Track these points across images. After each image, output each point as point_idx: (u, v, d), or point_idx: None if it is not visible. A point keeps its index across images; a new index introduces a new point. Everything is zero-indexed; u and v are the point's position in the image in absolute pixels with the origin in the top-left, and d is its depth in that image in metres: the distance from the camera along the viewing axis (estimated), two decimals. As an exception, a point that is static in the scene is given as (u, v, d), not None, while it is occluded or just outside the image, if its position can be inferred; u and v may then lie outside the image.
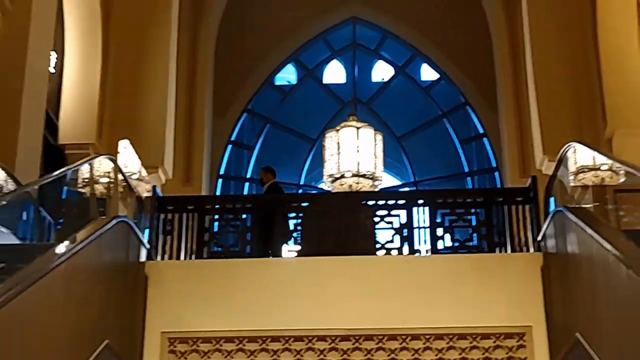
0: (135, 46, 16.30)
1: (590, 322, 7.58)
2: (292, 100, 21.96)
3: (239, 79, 21.18)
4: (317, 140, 19.87)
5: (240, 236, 10.93)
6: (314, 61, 22.25)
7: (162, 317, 9.65)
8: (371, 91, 21.94)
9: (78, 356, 7.41)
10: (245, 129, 21.70)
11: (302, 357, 9.45)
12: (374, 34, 22.17)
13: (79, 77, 15.41)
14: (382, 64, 22.42)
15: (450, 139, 21.46)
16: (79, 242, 7.58)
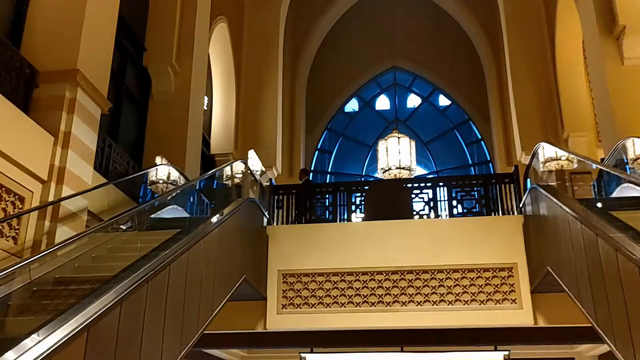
0: (255, 88, 16.60)
1: (556, 259, 7.50)
2: (355, 121, 22.02)
3: (321, 109, 21.35)
4: (372, 147, 19.94)
5: (325, 208, 11.08)
6: (369, 95, 22.27)
7: (278, 260, 9.84)
8: (407, 114, 21.83)
9: (229, 284, 7.64)
10: (326, 141, 21.86)
11: (367, 285, 9.54)
12: (408, 76, 22.05)
13: (222, 110, 15.75)
14: (413, 96, 22.26)
15: (459, 142, 21.25)
16: (225, 214, 7.82)
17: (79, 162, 7.06)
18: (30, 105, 6.88)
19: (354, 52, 21.61)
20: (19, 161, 6.13)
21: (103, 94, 7.72)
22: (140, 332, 4.83)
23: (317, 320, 9.48)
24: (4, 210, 6.00)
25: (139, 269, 4.95)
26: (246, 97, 16.42)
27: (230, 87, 15.96)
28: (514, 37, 15.77)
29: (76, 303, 4.11)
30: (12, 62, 6.64)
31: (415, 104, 22.19)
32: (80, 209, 7.01)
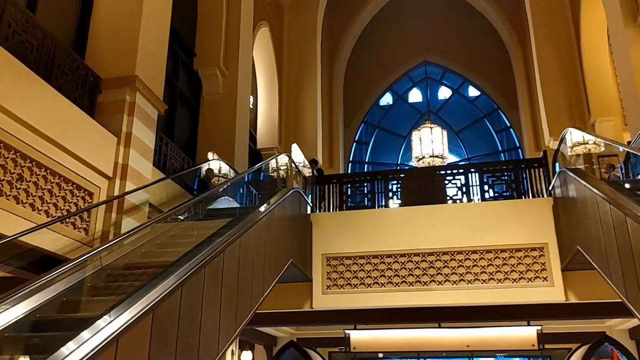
0: (296, 86, 16.65)
1: (585, 238, 7.31)
2: (390, 114, 21.84)
3: (358, 103, 21.24)
4: (407, 137, 19.76)
5: (364, 196, 11.05)
6: (402, 89, 22.03)
7: (321, 245, 9.88)
8: (438, 105, 21.52)
9: (278, 268, 7.72)
10: (363, 133, 21.75)
11: (405, 266, 9.49)
12: (438, 70, 21.70)
13: (266, 108, 15.84)
14: (444, 88, 21.91)
15: (489, 130, 20.83)
16: (272, 204, 7.87)
17: (139, 160, 7.22)
18: (95, 109, 7.06)
19: (386, 49, 21.41)
20: (87, 160, 6.31)
21: (159, 97, 7.86)
22: (200, 312, 4.93)
23: (359, 300, 9.50)
24: (76, 205, 6.19)
25: (197, 255, 5.04)
26: (288, 95, 16.49)
27: (273, 86, 16.03)
28: (540, 26, 15.33)
29: (142, 286, 4.21)
30: (78, 71, 6.83)
31: (446, 95, 21.84)
32: (142, 201, 7.17)
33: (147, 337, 4.03)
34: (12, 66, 5.29)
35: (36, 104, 5.54)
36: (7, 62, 5.24)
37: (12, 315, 4.27)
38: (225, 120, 11.30)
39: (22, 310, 4.41)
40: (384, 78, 21.56)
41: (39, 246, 5.40)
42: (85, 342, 3.41)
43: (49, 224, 5.41)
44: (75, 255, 5.68)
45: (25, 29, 5.94)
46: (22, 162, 5.37)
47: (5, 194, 5.12)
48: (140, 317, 3.91)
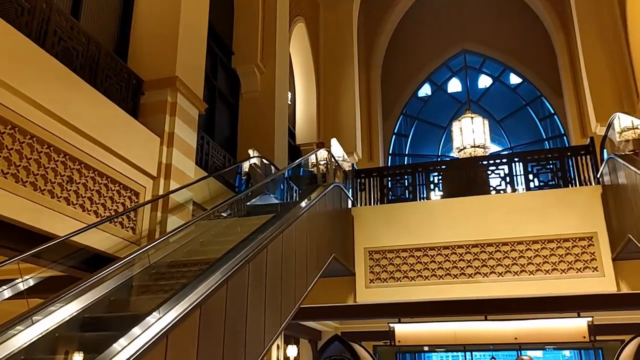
0: (334, 80, 16.64)
1: (637, 226, 7.05)
2: (429, 105, 21.59)
3: (396, 95, 21.05)
4: (447, 128, 19.49)
5: (405, 188, 10.97)
6: (441, 79, 21.73)
7: (363, 239, 9.88)
8: (479, 94, 21.13)
9: (320, 262, 7.75)
10: (402, 125, 21.57)
11: (449, 258, 9.39)
12: (478, 58, 21.28)
13: (304, 103, 15.90)
14: (484, 76, 21.49)
15: (532, 118, 20.32)
16: (313, 199, 7.89)
17: (182, 159, 7.35)
18: (138, 110, 7.22)
19: (424, 39, 21.13)
20: (133, 161, 6.46)
21: (199, 96, 7.98)
22: (245, 307, 5.00)
23: (403, 293, 9.45)
24: (123, 205, 6.36)
25: (241, 251, 5.10)
26: (326, 89, 16.50)
27: (311, 82, 16.07)
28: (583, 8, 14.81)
29: (189, 283, 4.30)
30: (121, 74, 7.00)
31: (486, 84, 21.43)
32: (186, 200, 7.31)
33: (195, 333, 4.11)
34: (59, 72, 5.47)
35: (83, 107, 5.71)
36: (54, 69, 5.42)
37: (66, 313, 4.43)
38: (264, 118, 11.39)
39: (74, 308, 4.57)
40: (422, 69, 21.30)
41: (90, 245, 5.57)
42: (136, 339, 3.51)
43: (98, 224, 5.57)
44: (123, 254, 5.85)
45: (71, 35, 6.12)
46: (72, 164, 5.54)
47: (57, 196, 5.30)
48: (189, 313, 3.99)
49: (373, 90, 19.94)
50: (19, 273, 4.48)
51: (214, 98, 10.76)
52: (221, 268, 4.65)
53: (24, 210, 4.85)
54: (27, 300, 4.32)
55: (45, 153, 5.19)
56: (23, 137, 4.94)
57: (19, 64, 4.93)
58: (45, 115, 5.18)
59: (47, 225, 5.08)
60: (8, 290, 4.53)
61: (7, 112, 4.76)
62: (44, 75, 5.24)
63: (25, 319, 3.77)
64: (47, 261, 5.06)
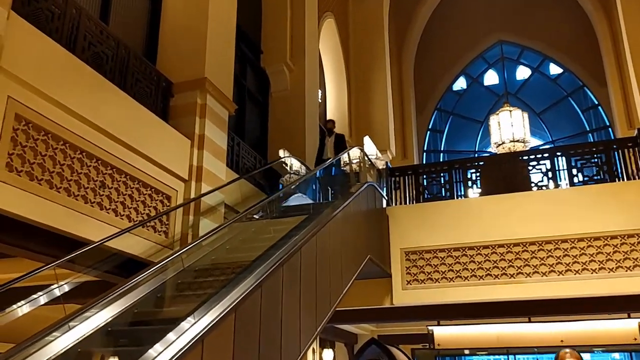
0: (365, 76, 16.60)
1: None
2: (464, 99, 21.34)
3: (430, 89, 20.89)
4: (484, 122, 19.24)
5: (441, 186, 10.87)
6: (476, 72, 21.47)
7: (399, 239, 9.82)
8: (517, 86, 20.78)
9: (356, 264, 7.74)
10: (437, 120, 21.40)
11: (489, 258, 9.26)
12: (515, 49, 20.93)
13: (335, 101, 15.90)
14: (522, 67, 21.12)
15: (574, 110, 19.88)
16: (346, 199, 7.88)
17: (213, 161, 7.44)
18: (168, 113, 7.34)
19: (458, 31, 20.89)
20: (164, 164, 6.57)
21: (229, 97, 8.06)
22: (280, 311, 5.02)
23: (442, 295, 9.37)
24: (155, 209, 6.47)
25: (274, 254, 5.13)
26: (357, 86, 16.46)
27: (341, 78, 16.05)
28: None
29: (223, 287, 4.35)
30: (151, 77, 7.13)
31: (524, 75, 21.06)
32: (218, 202, 7.39)
33: (230, 337, 4.15)
34: (89, 77, 5.59)
35: (113, 112, 5.83)
36: (85, 74, 5.55)
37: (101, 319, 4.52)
38: (295, 117, 11.44)
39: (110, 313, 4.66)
40: (456, 61, 21.07)
41: (123, 250, 5.69)
42: (172, 344, 3.57)
43: (131, 229, 5.68)
44: (156, 258, 5.97)
45: (100, 40, 6.26)
46: (104, 169, 5.67)
47: (90, 201, 5.42)
48: (224, 317, 4.03)
49: (406, 85, 19.81)
50: (55, 278, 4.61)
51: (244, 98, 10.85)
52: (255, 271, 4.69)
53: (59, 216, 4.98)
54: (63, 305, 4.44)
55: (78, 158, 5.32)
56: (56, 143, 5.08)
57: (50, 70, 5.07)
58: (77, 120, 5.31)
59: (81, 230, 5.21)
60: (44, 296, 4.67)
61: (41, 118, 4.90)
62: (75, 81, 5.37)
63: (61, 325, 3.87)
64: (82, 266, 5.19)
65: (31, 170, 4.78)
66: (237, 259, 6.23)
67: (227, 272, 5.88)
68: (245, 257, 5.79)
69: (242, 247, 6.92)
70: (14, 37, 4.64)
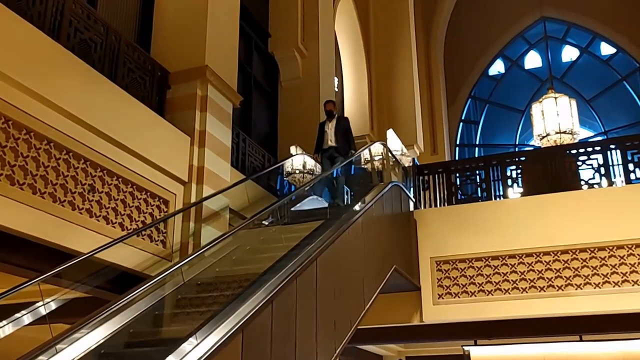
0: (387, 62, 16.55)
1: None
2: (502, 85, 21.26)
3: (462, 75, 20.82)
4: (525, 111, 19.14)
5: (476, 186, 10.82)
6: (516, 54, 21.38)
7: (429, 247, 9.78)
8: (563, 69, 20.64)
9: (379, 276, 7.72)
10: (471, 110, 21.35)
11: (533, 267, 9.18)
12: (560, 26, 20.80)
13: (354, 90, 15.89)
14: (569, 47, 20.97)
15: (630, 95, 19.69)
16: (368, 202, 7.87)
17: (216, 160, 7.47)
18: (164, 107, 7.40)
19: (494, 8, 20.79)
20: (160, 164, 6.61)
21: (233, 87, 8.09)
22: (294, 329, 5.03)
23: (479, 310, 9.32)
24: (151, 215, 6.51)
25: (286, 265, 5.14)
26: (378, 72, 16.41)
27: (361, 64, 16.03)
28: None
29: (229, 303, 4.36)
30: (144, 67, 7.18)
31: (571, 57, 20.90)
32: (222, 207, 7.42)
33: None
34: (76, 68, 5.65)
35: (103, 106, 5.89)
36: (71, 64, 5.60)
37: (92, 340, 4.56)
38: (308, 109, 11.44)
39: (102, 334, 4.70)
40: (492, 42, 20.98)
41: (116, 262, 5.74)
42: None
43: (124, 238, 5.73)
44: (154, 271, 6.01)
45: (88, 25, 6.32)
46: (93, 171, 5.72)
47: (78, 207, 5.48)
48: (230, 337, 4.05)
49: (435, 71, 19.74)
50: (40, 295, 4.65)
51: (250, 88, 10.89)
52: (265, 285, 4.70)
53: (44, 224, 5.04)
54: (49, 325, 4.48)
55: (64, 159, 5.38)
56: (40, 142, 5.14)
57: (32, 60, 5.13)
58: (63, 117, 5.37)
59: (68, 241, 5.26)
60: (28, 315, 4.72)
61: (22, 115, 4.96)
62: (60, 72, 5.43)
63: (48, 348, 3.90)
64: (70, 281, 5.24)
65: (12, 174, 4.84)
66: (245, 271, 6.26)
67: (234, 286, 5.90)
68: (253, 269, 5.81)
69: (250, 257, 6.94)
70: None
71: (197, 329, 3.94)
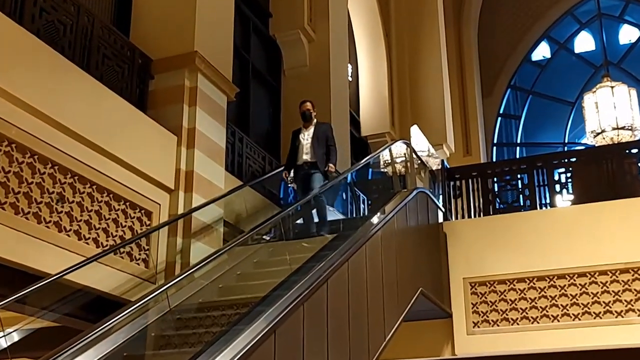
0: (411, 47, 16.54)
1: None
2: (548, 72, 21.20)
3: (499, 61, 20.78)
4: (576, 103, 19.07)
5: (518, 193, 10.79)
6: (564, 35, 21.33)
7: (462, 265, 9.76)
8: (620, 53, 20.56)
9: (403, 300, 7.69)
10: (511, 102, 21.31)
11: (587, 289, 9.14)
12: (617, 2, 20.74)
13: (371, 81, 15.87)
14: (627, 27, 20.92)
15: None
16: (388, 212, 7.87)
17: (208, 163, 7.48)
18: (146, 100, 7.42)
19: (538, -20, 20.79)
20: (141, 169, 6.63)
21: (227, 77, 8.11)
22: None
23: (522, 341, 9.31)
24: (131, 229, 6.52)
25: (292, 288, 5.13)
26: (400, 59, 16.40)
27: (379, 50, 16.00)
28: None
29: (223, 334, 4.35)
30: (123, 53, 7.21)
31: (631, 38, 20.83)
32: (215, 219, 7.43)
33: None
34: (41, 55, 5.67)
35: (74, 100, 5.91)
36: (36, 50, 5.63)
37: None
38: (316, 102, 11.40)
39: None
40: (536, 22, 20.94)
41: (90, 285, 5.74)
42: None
43: (99, 257, 5.73)
44: (134, 295, 6.01)
45: (55, 5, 6.35)
46: (62, 177, 5.74)
47: (45, 220, 5.49)
48: (224, 376, 4.04)
49: (467, 57, 19.73)
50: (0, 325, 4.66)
51: (247, 78, 10.91)
52: (266, 312, 4.68)
53: (3, 241, 5.04)
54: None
55: (27, 164, 5.40)
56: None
57: (-10, 46, 5.15)
58: (27, 112, 5.39)
59: (33, 260, 5.27)
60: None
61: (-22, 111, 4.98)
62: (22, 61, 5.45)
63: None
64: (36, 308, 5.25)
65: (-34, 181, 4.87)
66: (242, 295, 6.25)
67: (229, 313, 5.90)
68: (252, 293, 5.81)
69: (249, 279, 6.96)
70: (-58, 4, 4.74)
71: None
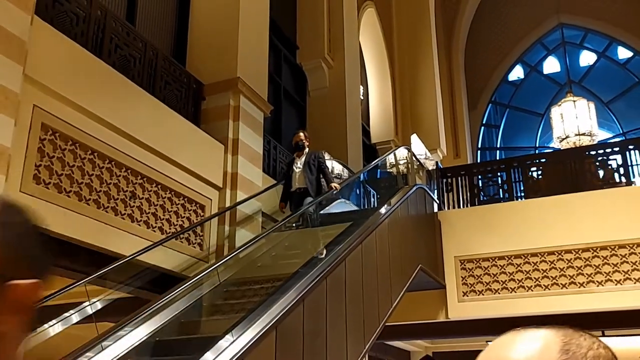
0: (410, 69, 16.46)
1: None
2: (522, 90, 20.98)
3: (482, 81, 20.61)
4: (545, 114, 18.86)
5: (498, 187, 10.72)
6: (535, 59, 21.09)
7: (453, 246, 9.71)
8: (581, 74, 20.29)
9: (405, 275, 7.67)
10: (492, 115, 21.12)
11: (555, 265, 9.04)
12: (577, 32, 20.46)
13: (378, 97, 15.83)
14: (586, 52, 20.62)
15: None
16: (393, 204, 7.85)
17: (248, 167, 7.52)
18: (199, 117, 7.46)
19: (512, 15, 20.55)
20: (196, 172, 6.68)
21: (263, 97, 8.14)
22: (324, 326, 5.03)
23: (503, 307, 9.21)
24: (188, 219, 6.58)
25: (317, 265, 5.14)
26: (402, 80, 16.36)
27: (385, 73, 15.98)
28: None
29: (262, 302, 4.38)
30: (180, 79, 7.26)
31: (589, 61, 20.54)
32: (254, 211, 7.46)
33: (272, 355, 4.17)
34: (117, 82, 5.74)
35: (143, 118, 5.97)
36: (113, 79, 5.69)
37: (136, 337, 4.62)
38: (335, 116, 11.45)
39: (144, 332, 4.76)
40: (512, 49, 20.73)
41: (156, 264, 5.80)
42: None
43: (164, 241, 5.79)
44: (191, 272, 6.07)
45: (127, 42, 6.42)
46: (134, 179, 5.80)
47: (120, 213, 5.56)
48: (264, 334, 4.06)
49: (456, 77, 19.60)
50: (87, 296, 4.74)
51: (279, 98, 10.93)
52: (296, 284, 4.71)
53: (89, 229, 5.12)
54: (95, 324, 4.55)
55: (107, 168, 5.47)
56: (84, 152, 5.23)
57: (76, 76, 5.23)
58: (105, 128, 5.46)
59: (112, 244, 5.34)
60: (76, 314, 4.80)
61: (68, 127, 5.05)
62: (102, 86, 5.52)
63: (95, 345, 3.96)
64: (114, 282, 5.32)
65: (59, 182, 4.93)
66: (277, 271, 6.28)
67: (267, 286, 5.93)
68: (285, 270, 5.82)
69: (282, 258, 6.97)
70: (38, 42, 4.80)
71: (233, 326, 3.97)
